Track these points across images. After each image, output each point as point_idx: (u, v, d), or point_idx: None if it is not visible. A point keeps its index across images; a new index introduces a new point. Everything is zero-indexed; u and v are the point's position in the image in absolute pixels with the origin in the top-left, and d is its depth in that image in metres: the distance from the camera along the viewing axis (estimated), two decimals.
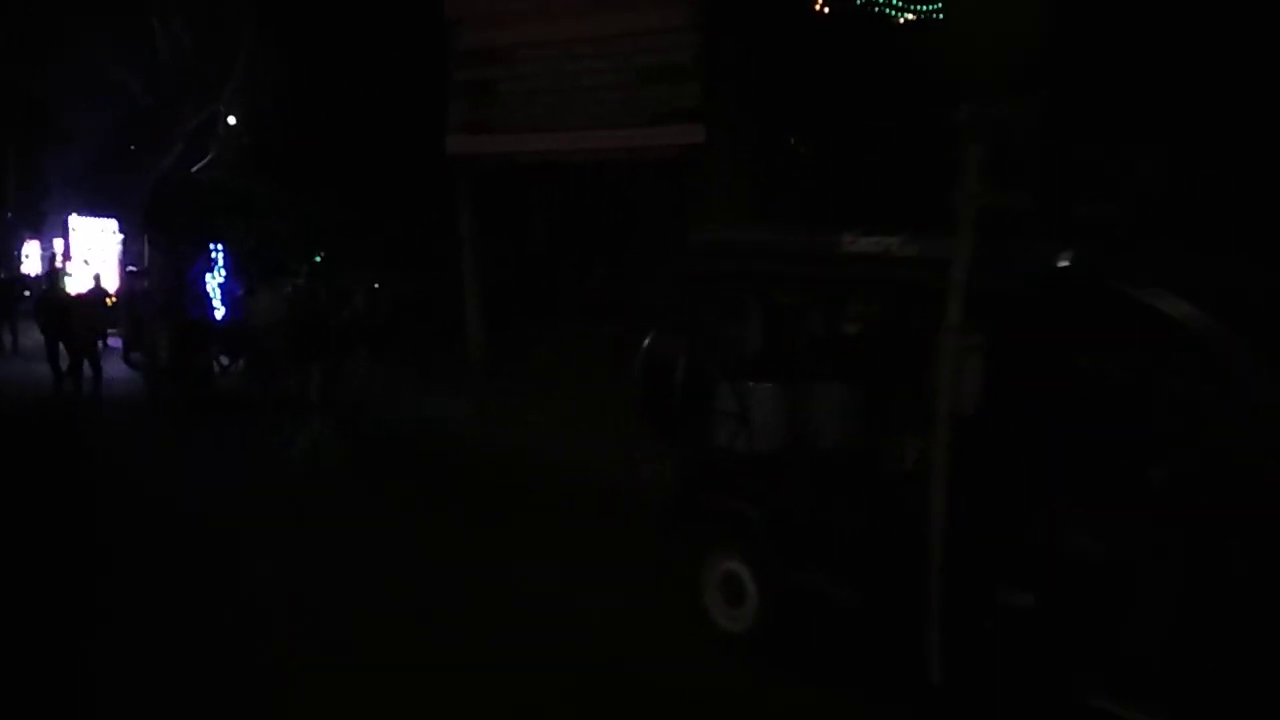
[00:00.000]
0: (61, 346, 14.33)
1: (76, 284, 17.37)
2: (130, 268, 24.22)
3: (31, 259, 31.83)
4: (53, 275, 17.51)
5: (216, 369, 15.20)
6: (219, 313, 15.58)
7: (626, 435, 10.68)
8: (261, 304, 13.77)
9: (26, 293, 22.24)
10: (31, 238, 32.38)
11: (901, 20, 11.00)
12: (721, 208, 11.73)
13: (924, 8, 10.51)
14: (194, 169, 22.96)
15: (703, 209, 11.78)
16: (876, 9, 10.95)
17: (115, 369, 16.91)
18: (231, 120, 23.37)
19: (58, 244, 28.36)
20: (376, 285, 14.34)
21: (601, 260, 14.08)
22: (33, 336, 16.62)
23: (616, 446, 10.49)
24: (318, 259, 16.16)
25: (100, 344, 14.84)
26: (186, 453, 11.63)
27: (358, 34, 16.91)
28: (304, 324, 11.71)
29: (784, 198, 11.45)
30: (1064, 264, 4.82)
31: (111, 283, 23.77)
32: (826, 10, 10.95)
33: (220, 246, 15.88)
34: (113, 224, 28.74)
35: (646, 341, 6.96)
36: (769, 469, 6.08)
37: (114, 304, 17.37)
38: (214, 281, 15.70)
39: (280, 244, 16.70)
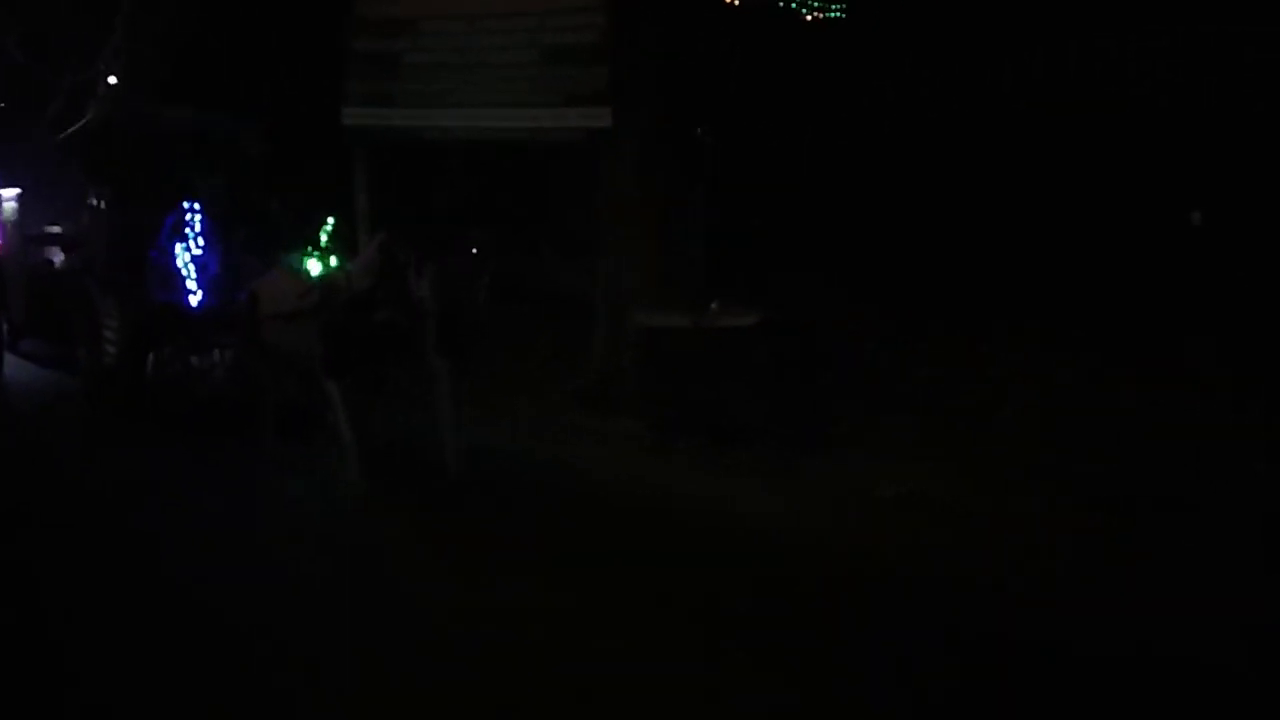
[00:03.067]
0: None
1: None
2: (29, 231, 22.18)
3: None
4: None
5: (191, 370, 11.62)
6: (194, 297, 11.56)
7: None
8: (277, 287, 9.60)
9: None
10: None
11: (809, 18, 11.15)
12: (628, 194, 11.77)
13: (832, 9, 10.68)
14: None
15: (610, 195, 11.82)
16: (783, 4, 11.06)
17: None
18: (113, 80, 22.29)
19: None
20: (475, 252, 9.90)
21: (512, 244, 13.92)
22: None
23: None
24: (328, 225, 12.07)
25: None
26: (194, 498, 8.17)
27: None
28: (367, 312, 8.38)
29: (691, 187, 11.49)
30: None
31: None
32: (737, 2, 11.01)
33: (197, 207, 11.70)
34: None
35: None
36: None
37: None
38: (186, 254, 11.60)
39: (280, 205, 12.76)
